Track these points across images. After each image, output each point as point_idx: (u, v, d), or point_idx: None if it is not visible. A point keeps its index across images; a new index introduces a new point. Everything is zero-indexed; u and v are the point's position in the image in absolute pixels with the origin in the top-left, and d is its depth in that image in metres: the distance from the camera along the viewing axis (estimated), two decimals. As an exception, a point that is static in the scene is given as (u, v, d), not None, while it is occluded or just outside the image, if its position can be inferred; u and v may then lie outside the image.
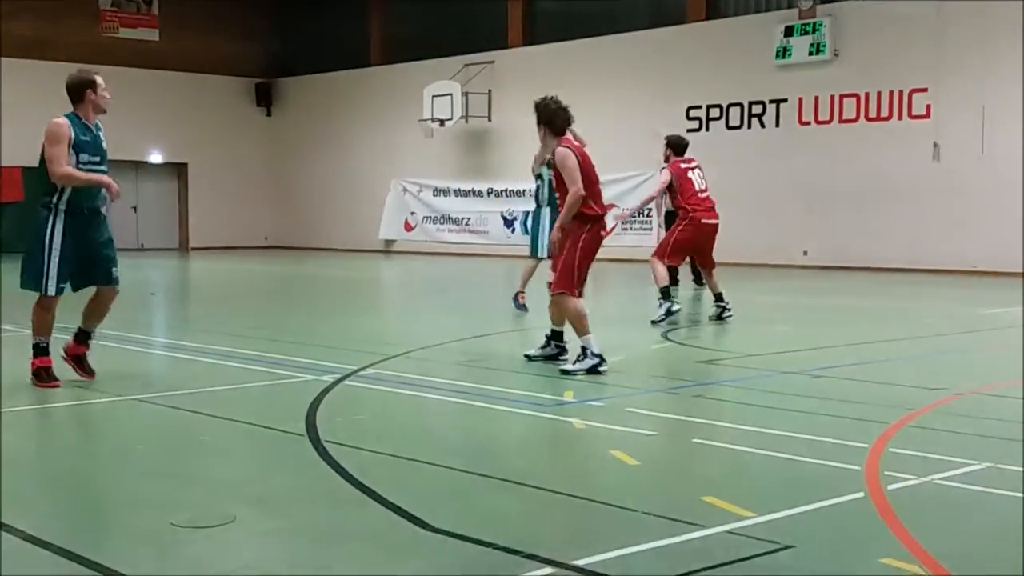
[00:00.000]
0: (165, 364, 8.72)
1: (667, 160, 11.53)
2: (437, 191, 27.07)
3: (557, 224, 7.78)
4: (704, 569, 3.59)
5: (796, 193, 20.91)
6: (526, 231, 24.82)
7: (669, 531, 3.96)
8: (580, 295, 7.74)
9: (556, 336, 8.16)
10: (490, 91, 25.95)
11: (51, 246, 6.80)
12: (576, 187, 7.50)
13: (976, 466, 4.92)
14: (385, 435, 5.73)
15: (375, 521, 4.15)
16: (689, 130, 22.40)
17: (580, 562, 3.61)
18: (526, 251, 12.70)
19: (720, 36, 22.22)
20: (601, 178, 7.94)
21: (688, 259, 11.86)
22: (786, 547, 3.80)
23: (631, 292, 16.16)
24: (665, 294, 10.84)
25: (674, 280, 13.29)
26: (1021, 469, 4.87)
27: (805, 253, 20.71)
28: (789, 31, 20.87)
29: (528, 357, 8.17)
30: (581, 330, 7.59)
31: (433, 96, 26.00)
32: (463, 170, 26.84)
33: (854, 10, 20.32)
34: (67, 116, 6.84)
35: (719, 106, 22.17)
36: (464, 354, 9.06)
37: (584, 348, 7.54)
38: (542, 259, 12.21)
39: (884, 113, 19.91)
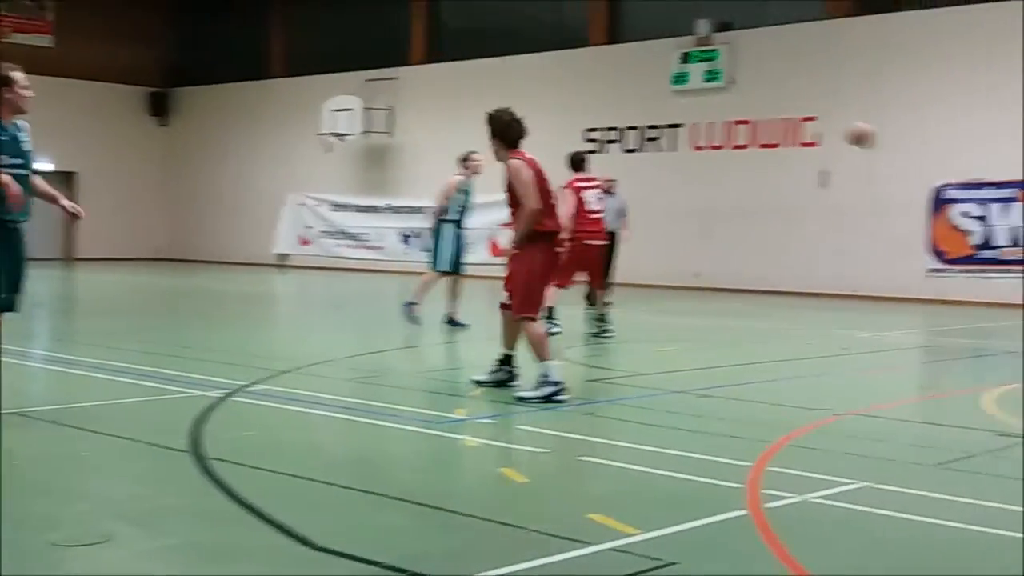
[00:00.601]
0: (47, 378, 8.47)
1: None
2: (335, 206, 26.87)
3: (513, 240, 7.44)
4: (587, 586, 3.64)
5: (689, 216, 21.31)
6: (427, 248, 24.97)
7: (555, 548, 4.00)
8: (538, 314, 7.53)
9: (506, 360, 7.75)
10: (392, 107, 25.91)
11: None
12: (531, 202, 7.26)
13: (853, 485, 5.07)
14: (272, 452, 5.66)
15: (260, 540, 4.10)
16: (587, 152, 22.70)
17: (465, 580, 3.63)
18: (424, 268, 12.70)
19: (620, 60, 22.58)
20: (497, 198, 7.87)
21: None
22: (668, 564, 3.87)
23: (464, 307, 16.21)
24: (550, 314, 10.81)
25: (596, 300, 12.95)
26: (895, 488, 5.04)
27: (696, 275, 21.11)
28: (686, 57, 21.32)
29: (477, 383, 7.73)
30: (542, 356, 7.28)
31: (333, 110, 25.85)
32: (362, 185, 26.72)
33: (749, 39, 20.86)
34: None
35: (617, 128, 22.51)
36: (356, 370, 9.01)
37: (544, 375, 7.27)
38: (443, 273, 12.27)
39: (775, 140, 20.47)
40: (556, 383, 7.23)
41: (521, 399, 7.21)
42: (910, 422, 7.20)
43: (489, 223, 24.04)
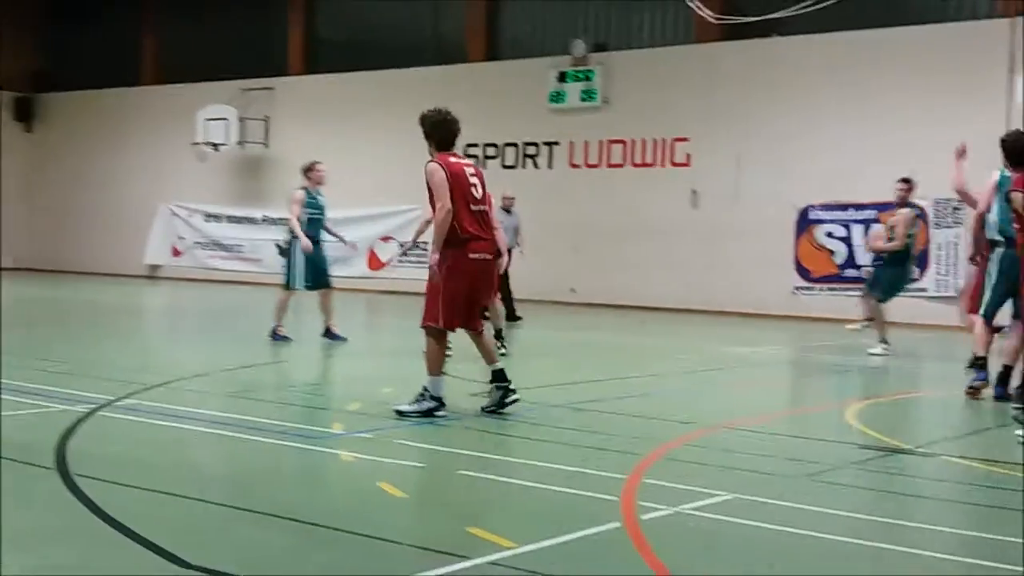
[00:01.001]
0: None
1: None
2: (209, 216, 26.35)
3: (432, 248, 7.25)
4: (465, 600, 3.65)
5: (566, 232, 21.56)
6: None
7: (433, 563, 4.00)
8: (455, 328, 7.35)
9: (497, 377, 7.49)
10: (268, 117, 25.57)
11: None
12: (440, 204, 7.07)
13: (724, 497, 5.21)
14: (142, 468, 5.51)
15: (129, 560, 3.99)
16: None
17: (342, 596, 3.60)
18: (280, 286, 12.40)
19: (498, 77, 22.76)
20: (377, 211, 7.75)
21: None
22: (545, 577, 3.91)
23: (407, 324, 16.17)
24: None
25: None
26: (764, 500, 5.19)
27: (573, 290, 21.37)
28: (563, 77, 21.62)
29: (483, 409, 7.44)
30: (430, 369, 7.19)
31: (207, 120, 25.37)
32: (237, 196, 26.26)
33: (624, 60, 21.27)
34: None
35: (495, 145, 22.65)
36: (229, 384, 8.84)
37: (425, 389, 7.19)
38: (295, 290, 12.08)
39: (648, 159, 20.90)
40: (436, 399, 7.18)
41: (400, 413, 7.14)
42: (779, 435, 7.42)
43: (370, 236, 23.94)
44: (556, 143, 21.99)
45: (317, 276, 12.16)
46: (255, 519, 4.63)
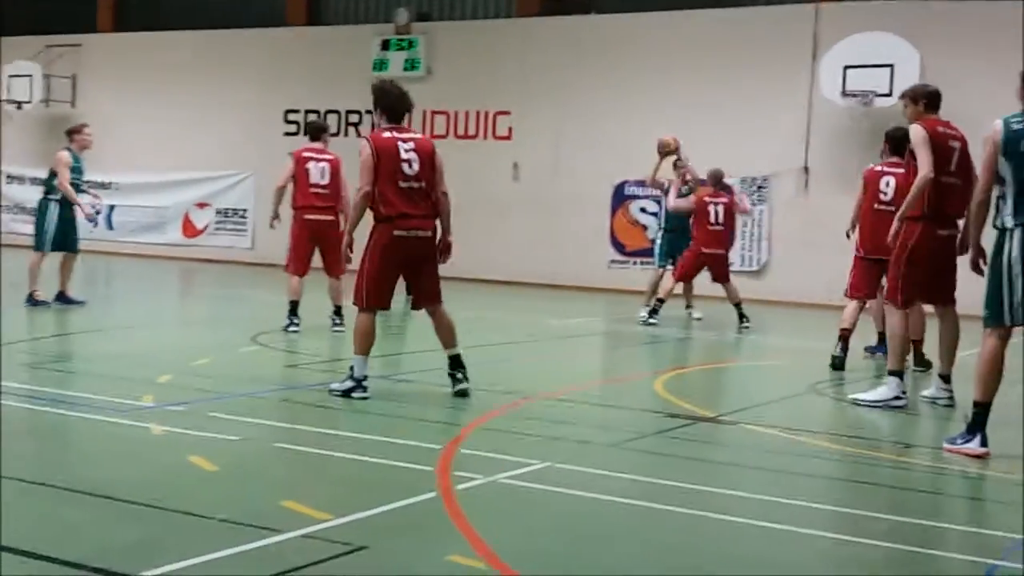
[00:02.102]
0: None
1: None
2: (11, 178, 25.01)
3: (347, 227, 7.23)
4: (277, 575, 3.63)
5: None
6: (110, 226, 23.77)
7: (245, 537, 3.97)
8: (385, 306, 7.24)
9: (454, 363, 7.30)
10: (75, 75, 24.42)
11: None
12: (360, 184, 7.02)
13: (537, 465, 5.34)
14: (-64, 445, 5.23)
15: (-80, 539, 3.80)
16: (287, 133, 22.39)
17: (150, 573, 3.53)
18: (108, 247, 12.18)
19: (319, 42, 22.38)
20: (192, 176, 7.49)
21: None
22: (359, 548, 3.93)
23: (223, 293, 15.83)
24: (292, 309, 10.54)
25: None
26: (575, 467, 5.35)
27: (395, 261, 21.30)
28: (386, 45, 21.43)
29: (459, 393, 7.19)
30: (356, 348, 7.05)
31: (10, 76, 24.06)
32: (41, 157, 24.90)
33: (447, 31, 21.26)
34: None
35: (317, 111, 22.28)
36: (33, 355, 8.46)
37: (352, 368, 7.04)
38: (46, 253, 11.87)
39: (471, 132, 21.00)
40: (357, 379, 7.03)
41: (332, 391, 7.06)
42: (591, 404, 7.64)
43: (184, 201, 23.22)
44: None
45: (66, 239, 12.03)
46: (61, 496, 4.48)
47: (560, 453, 5.68)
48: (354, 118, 22.08)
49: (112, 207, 23.88)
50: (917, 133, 7.48)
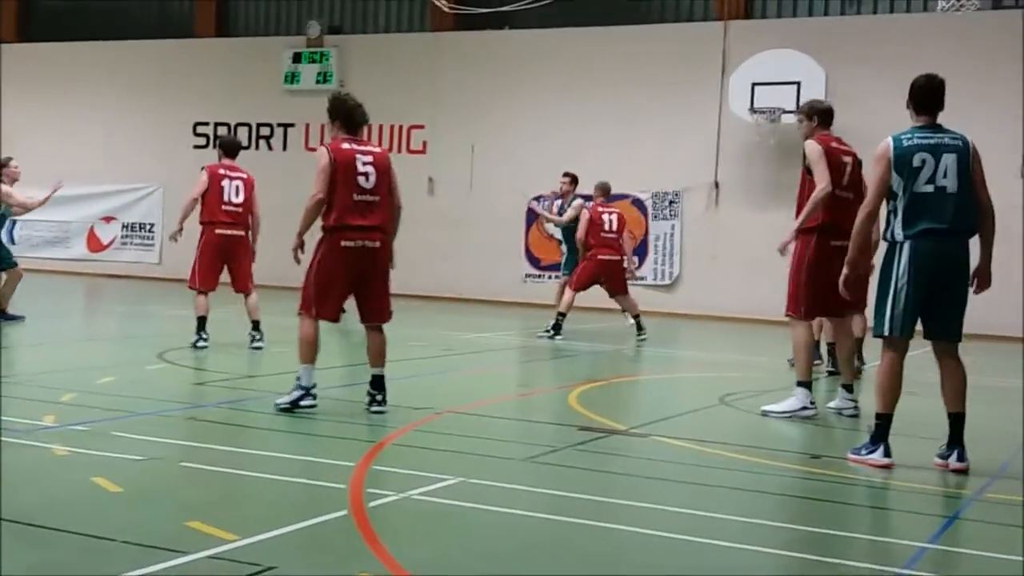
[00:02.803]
0: None
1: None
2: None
3: (298, 231, 7.21)
4: (183, 596, 3.55)
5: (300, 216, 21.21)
6: (12, 240, 23.09)
7: (149, 559, 3.86)
8: (331, 318, 7.24)
9: (376, 384, 7.25)
10: (-24, 86, 23.77)
11: None
12: (313, 191, 7.02)
13: (450, 481, 5.31)
14: None
15: None
16: (196, 146, 22.06)
17: (49, 599, 3.42)
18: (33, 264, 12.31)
19: (229, 55, 22.11)
20: (98, 189, 7.37)
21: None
22: (268, 569, 3.86)
23: (130, 309, 15.49)
24: (200, 325, 10.38)
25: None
26: (488, 482, 5.33)
27: (308, 276, 21.09)
28: (297, 57, 21.26)
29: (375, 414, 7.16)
30: (302, 357, 7.08)
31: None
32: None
33: (360, 44, 21.17)
34: None
35: (227, 124, 22.00)
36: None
37: (298, 378, 7.02)
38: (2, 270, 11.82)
39: (385, 146, 20.89)
40: (304, 388, 7.01)
41: (277, 406, 7.01)
42: (505, 419, 7.63)
43: (89, 215, 22.68)
44: (291, 125, 21.62)
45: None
46: (-48, 521, 4.31)
47: (473, 468, 5.66)
48: (265, 131, 21.86)
49: (14, 222, 23.22)
50: (813, 149, 7.71)
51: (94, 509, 4.64)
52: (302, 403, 7.04)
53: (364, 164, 7.16)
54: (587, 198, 14.13)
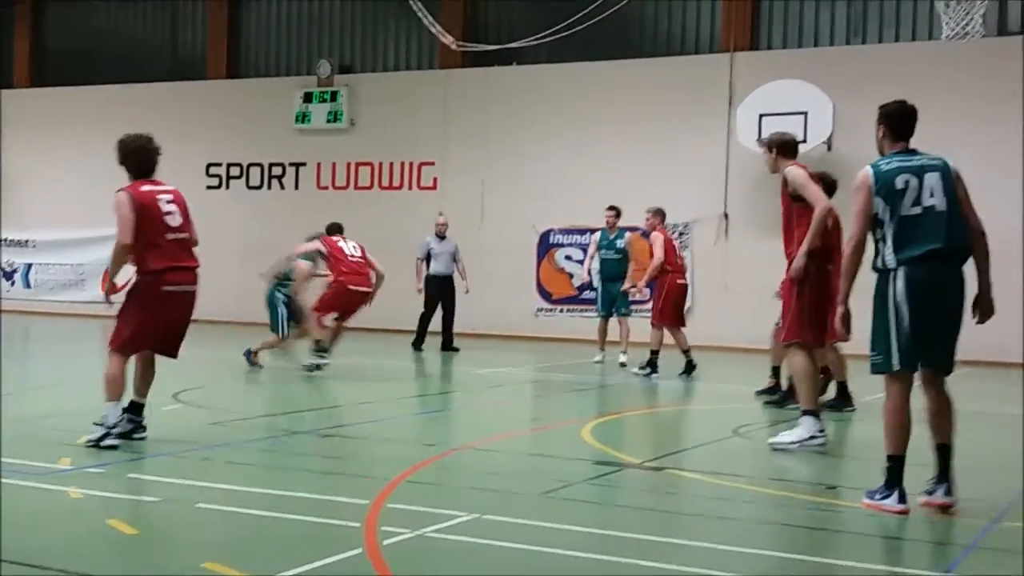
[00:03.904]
0: None
1: None
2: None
3: (109, 278, 7.22)
4: (200, 638, 3.56)
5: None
6: (27, 284, 23.27)
7: (166, 601, 3.88)
8: (160, 353, 7.29)
9: (135, 409, 7.29)
10: (-2, 130, 24.10)
11: None
12: (120, 238, 6.97)
13: (465, 517, 5.31)
14: None
15: None
16: (209, 187, 22.23)
17: (67, 642, 3.43)
18: (26, 306, 12.10)
19: (241, 96, 22.32)
20: (112, 232, 7.27)
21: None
22: (284, 608, 3.87)
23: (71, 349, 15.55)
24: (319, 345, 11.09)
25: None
26: (504, 519, 5.33)
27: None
28: (308, 97, 21.44)
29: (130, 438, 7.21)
30: (109, 395, 7.02)
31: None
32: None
33: (370, 82, 21.35)
34: None
35: (239, 165, 22.18)
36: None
37: (104, 415, 7.00)
38: None
39: (396, 183, 21.04)
40: (107, 427, 6.96)
41: (87, 442, 6.93)
42: (519, 454, 7.63)
43: (103, 257, 22.75)
44: (303, 164, 21.77)
45: None
46: (-29, 565, 4.34)
47: (488, 504, 5.66)
48: (277, 170, 22.02)
49: (30, 265, 23.42)
50: (798, 173, 7.74)
51: (110, 551, 4.66)
52: (104, 443, 6.91)
53: (167, 203, 7.17)
54: (631, 229, 14.26)
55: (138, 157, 7.25)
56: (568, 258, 19.56)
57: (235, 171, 22.28)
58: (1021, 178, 16.44)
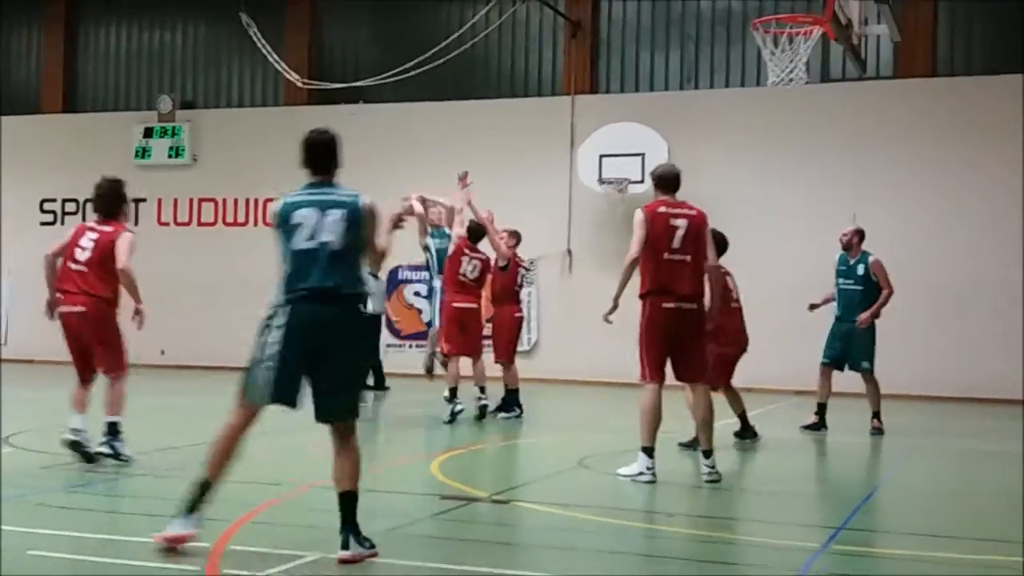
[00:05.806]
0: None
1: None
2: None
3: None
4: None
5: (155, 293, 20.69)
6: None
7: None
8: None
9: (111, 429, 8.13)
10: None
11: None
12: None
13: (310, 557, 5.29)
14: None
15: None
16: (43, 223, 21.44)
17: None
18: None
19: (77, 130, 21.69)
20: None
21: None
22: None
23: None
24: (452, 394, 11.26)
25: None
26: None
27: (162, 352, 20.59)
28: (149, 132, 20.99)
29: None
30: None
31: None
32: None
33: (214, 118, 21.05)
34: None
35: (75, 200, 21.46)
36: None
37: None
38: None
39: (241, 219, 20.74)
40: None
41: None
42: (366, 491, 7.43)
43: None
44: (143, 200, 21.22)
45: None
46: None
47: (332, 543, 5.63)
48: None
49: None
50: (635, 216, 8.07)
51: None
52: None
53: (86, 233, 8.40)
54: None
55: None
56: (417, 294, 19.61)
57: (71, 207, 21.56)
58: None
